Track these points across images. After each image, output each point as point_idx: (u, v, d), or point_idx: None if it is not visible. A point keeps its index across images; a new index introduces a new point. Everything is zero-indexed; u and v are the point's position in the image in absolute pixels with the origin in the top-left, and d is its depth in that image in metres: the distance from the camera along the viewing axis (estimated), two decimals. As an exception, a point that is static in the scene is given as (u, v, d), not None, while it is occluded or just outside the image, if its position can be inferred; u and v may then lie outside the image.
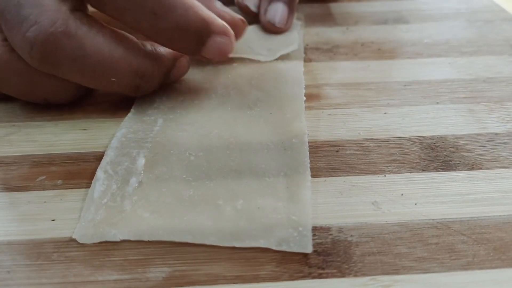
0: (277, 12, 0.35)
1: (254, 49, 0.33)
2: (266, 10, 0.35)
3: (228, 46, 0.27)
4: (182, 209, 0.21)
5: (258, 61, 0.31)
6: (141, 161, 0.23)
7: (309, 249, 0.19)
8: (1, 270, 0.19)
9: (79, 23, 0.24)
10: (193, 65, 0.30)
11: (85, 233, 0.20)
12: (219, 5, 0.31)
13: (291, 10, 0.36)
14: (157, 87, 0.27)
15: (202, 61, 0.31)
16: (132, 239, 0.19)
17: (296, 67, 0.31)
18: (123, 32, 0.26)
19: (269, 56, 0.32)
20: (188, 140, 0.25)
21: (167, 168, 0.23)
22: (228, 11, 0.31)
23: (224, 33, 0.26)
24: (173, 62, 0.27)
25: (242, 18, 0.31)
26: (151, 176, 0.22)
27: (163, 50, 0.27)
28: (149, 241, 0.19)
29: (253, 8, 0.36)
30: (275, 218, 0.20)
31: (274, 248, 0.19)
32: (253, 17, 0.36)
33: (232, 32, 0.27)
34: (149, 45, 0.26)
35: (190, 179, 0.22)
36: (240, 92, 0.28)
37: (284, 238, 0.19)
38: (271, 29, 0.35)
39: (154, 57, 0.26)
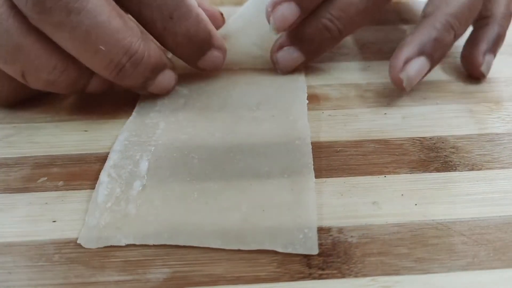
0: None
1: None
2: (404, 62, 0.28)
3: (221, 60, 0.29)
4: (186, 212, 0.21)
5: (259, 64, 0.31)
6: (145, 165, 0.23)
7: (315, 251, 0.19)
8: (2, 271, 0.19)
9: None
10: (193, 69, 0.30)
11: (90, 237, 0.20)
12: None
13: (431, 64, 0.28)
14: (138, 82, 0.26)
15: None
16: (137, 243, 0.20)
17: (298, 69, 0.31)
18: (126, 14, 0.25)
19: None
20: (190, 143, 0.25)
21: (171, 171, 0.23)
22: (208, 3, 0.31)
23: (220, 48, 0.28)
24: (163, 65, 0.27)
25: (220, 11, 0.32)
26: (155, 180, 0.22)
27: (155, 49, 0.26)
28: (154, 244, 0.20)
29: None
30: (280, 220, 0.20)
31: (280, 250, 0.19)
32: None
33: (226, 47, 0.29)
34: (147, 35, 0.26)
35: (194, 182, 0.22)
36: (241, 95, 0.28)
37: (289, 240, 0.19)
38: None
39: (148, 44, 0.26)
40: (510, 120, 0.27)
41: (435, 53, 0.28)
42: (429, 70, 0.28)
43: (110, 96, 0.29)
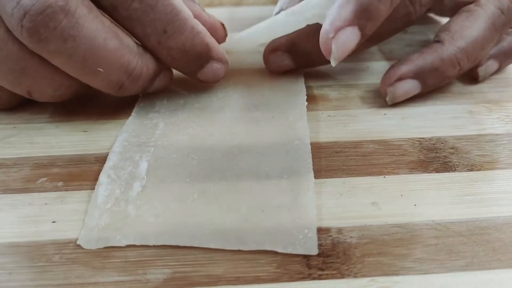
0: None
1: None
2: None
3: (222, 72, 0.28)
4: (186, 213, 0.21)
5: (258, 66, 0.31)
6: (144, 166, 0.23)
7: (314, 251, 0.19)
8: (2, 272, 0.19)
9: (80, 3, 0.23)
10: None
11: (89, 238, 0.20)
12: (198, 8, 0.30)
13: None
14: (139, 91, 0.27)
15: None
16: (137, 243, 0.20)
17: (297, 70, 0.31)
18: (120, 27, 0.25)
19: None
20: (190, 143, 0.25)
21: (170, 172, 0.23)
22: (209, 14, 0.31)
23: (221, 60, 0.28)
24: (160, 69, 0.27)
25: (222, 22, 0.31)
26: (154, 181, 0.22)
27: (152, 60, 0.26)
28: (153, 244, 0.20)
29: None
30: (280, 220, 0.20)
31: (280, 250, 0.19)
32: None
33: (227, 59, 0.28)
34: (142, 47, 0.26)
35: (194, 183, 0.22)
36: (241, 96, 0.28)
37: (290, 240, 0.19)
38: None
39: (145, 58, 0.26)
40: (509, 121, 0.27)
41: (430, 81, 0.28)
42: (420, 93, 0.28)
43: (109, 97, 0.29)
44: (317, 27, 0.26)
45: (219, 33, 0.31)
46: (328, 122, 0.27)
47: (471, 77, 0.30)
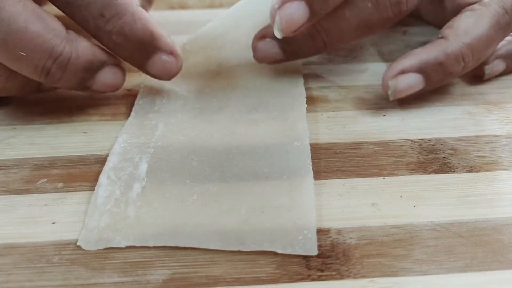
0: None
1: None
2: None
3: (173, 66, 0.27)
4: (186, 214, 0.21)
5: (258, 66, 0.31)
6: (144, 167, 0.23)
7: (314, 252, 0.19)
8: (2, 273, 0.19)
9: None
10: (192, 71, 0.30)
11: (89, 239, 0.20)
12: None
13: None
14: (75, 83, 0.26)
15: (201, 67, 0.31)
16: (137, 245, 0.20)
17: (296, 72, 0.31)
18: (51, 15, 0.25)
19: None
20: (189, 144, 0.25)
21: (170, 173, 0.23)
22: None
23: (171, 52, 0.27)
24: (101, 62, 0.26)
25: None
26: (154, 182, 0.22)
27: (86, 48, 0.25)
28: (153, 245, 0.20)
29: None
30: (280, 221, 0.20)
31: (280, 251, 0.19)
32: None
33: (179, 52, 0.27)
34: (75, 34, 0.25)
35: (193, 184, 0.22)
36: (240, 97, 0.28)
37: (289, 241, 0.19)
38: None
39: (75, 44, 0.25)
40: (508, 122, 0.27)
41: (434, 77, 0.27)
42: (423, 90, 0.27)
43: (109, 97, 0.29)
44: (317, 13, 0.26)
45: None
46: (328, 123, 0.27)
47: (476, 75, 0.30)
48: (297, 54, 0.29)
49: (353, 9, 0.27)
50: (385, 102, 0.28)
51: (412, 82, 0.27)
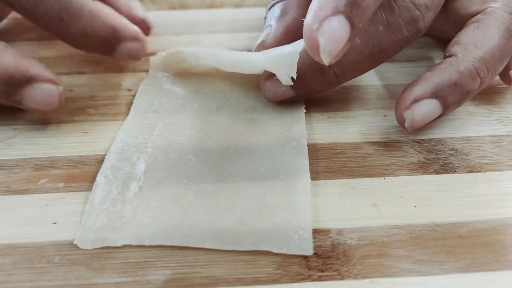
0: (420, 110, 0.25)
1: None
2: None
3: (139, 51, 0.28)
4: (182, 213, 0.21)
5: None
6: (141, 166, 0.23)
7: (310, 252, 0.19)
8: (2, 273, 0.19)
9: None
10: (191, 71, 0.30)
11: (86, 238, 0.20)
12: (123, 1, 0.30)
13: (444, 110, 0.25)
14: (2, 101, 0.25)
15: (200, 67, 0.30)
16: (133, 244, 0.20)
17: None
18: None
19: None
20: (187, 144, 0.25)
21: (167, 173, 0.23)
22: (135, 6, 0.30)
23: (135, 38, 0.27)
24: (25, 79, 0.25)
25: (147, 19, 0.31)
26: (151, 181, 0.22)
27: (8, 62, 0.24)
28: (150, 245, 0.20)
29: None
30: (276, 221, 0.20)
31: (275, 251, 0.19)
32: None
33: (142, 36, 0.28)
34: (2, 46, 0.25)
35: (190, 183, 0.22)
36: (239, 97, 0.28)
37: (284, 241, 0.19)
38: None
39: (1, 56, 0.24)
40: (509, 122, 0.27)
41: (451, 98, 0.24)
42: (442, 116, 0.25)
43: (110, 98, 0.29)
44: (358, 27, 0.22)
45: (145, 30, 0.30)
46: (328, 123, 0.27)
47: (503, 81, 0.28)
48: (309, 91, 0.27)
49: (364, 34, 0.24)
50: (386, 102, 0.28)
51: (429, 109, 0.24)
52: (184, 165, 0.23)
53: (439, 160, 0.24)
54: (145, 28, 0.32)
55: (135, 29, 0.28)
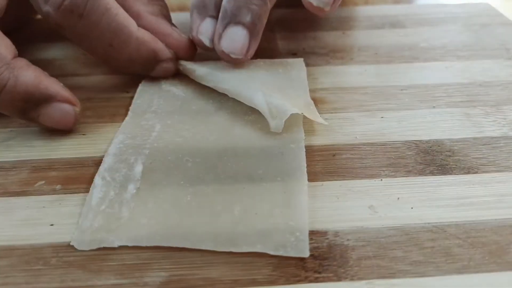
0: (234, 40, 0.28)
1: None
2: (220, 36, 0.28)
3: (172, 68, 0.30)
4: (179, 215, 0.21)
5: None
6: (139, 168, 0.23)
7: (306, 254, 0.19)
8: (-1, 275, 0.19)
9: None
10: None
11: (83, 239, 0.20)
12: (165, 25, 0.30)
13: (253, 35, 0.28)
14: (17, 115, 0.25)
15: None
16: (129, 245, 0.20)
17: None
18: (5, 40, 0.25)
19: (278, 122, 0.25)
20: (185, 146, 0.25)
21: (165, 175, 0.23)
22: (176, 31, 0.30)
23: (169, 59, 0.30)
24: (44, 98, 0.25)
25: (189, 38, 0.31)
26: (148, 183, 0.22)
27: (29, 79, 0.25)
28: (146, 246, 0.20)
29: (207, 42, 0.29)
30: (272, 223, 0.20)
31: (271, 253, 0.19)
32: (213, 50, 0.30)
33: (174, 56, 0.30)
34: (24, 63, 0.25)
35: (188, 185, 0.22)
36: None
37: (281, 243, 0.19)
38: (228, 60, 0.29)
39: (17, 73, 0.24)
40: (506, 124, 0.27)
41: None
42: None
43: (107, 100, 0.29)
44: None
45: (183, 52, 0.30)
46: (325, 125, 0.27)
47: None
48: (255, 23, 0.28)
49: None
50: (383, 104, 0.29)
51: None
52: (182, 166, 0.23)
53: (436, 162, 0.24)
54: (192, 52, 0.31)
55: (169, 50, 0.30)
